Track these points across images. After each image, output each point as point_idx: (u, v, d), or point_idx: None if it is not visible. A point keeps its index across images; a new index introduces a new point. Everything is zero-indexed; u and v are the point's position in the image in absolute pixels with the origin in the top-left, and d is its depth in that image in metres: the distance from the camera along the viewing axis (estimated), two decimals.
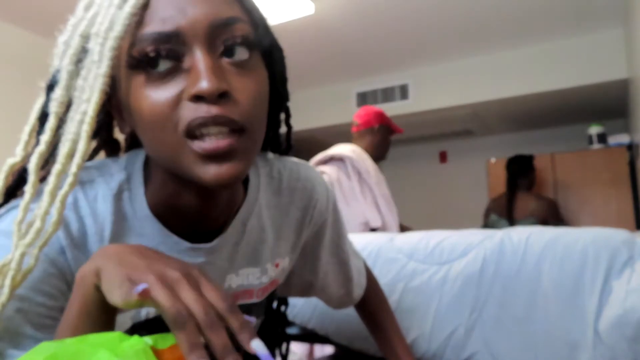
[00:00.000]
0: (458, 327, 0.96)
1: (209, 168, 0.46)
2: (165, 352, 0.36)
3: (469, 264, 0.99)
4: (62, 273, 0.50)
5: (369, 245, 1.16)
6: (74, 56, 0.48)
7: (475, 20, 3.15)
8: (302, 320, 1.17)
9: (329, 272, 0.80)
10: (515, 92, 3.57)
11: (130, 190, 0.55)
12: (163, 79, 0.46)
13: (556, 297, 0.88)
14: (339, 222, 0.80)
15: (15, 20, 3.03)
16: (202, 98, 0.45)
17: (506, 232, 1.00)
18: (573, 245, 0.89)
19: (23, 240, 0.46)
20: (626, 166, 3.33)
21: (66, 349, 0.34)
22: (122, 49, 0.46)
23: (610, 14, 3.05)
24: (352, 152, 2.11)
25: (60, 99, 0.48)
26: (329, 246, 0.78)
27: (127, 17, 0.45)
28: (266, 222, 0.65)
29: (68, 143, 0.47)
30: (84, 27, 0.48)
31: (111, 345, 0.35)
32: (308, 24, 3.17)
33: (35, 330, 0.48)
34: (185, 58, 0.46)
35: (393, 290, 1.05)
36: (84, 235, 0.52)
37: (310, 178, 0.71)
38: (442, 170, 4.91)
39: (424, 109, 3.93)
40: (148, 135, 0.48)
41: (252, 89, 0.48)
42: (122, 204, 0.54)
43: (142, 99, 0.46)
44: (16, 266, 0.45)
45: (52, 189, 0.47)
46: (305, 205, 0.70)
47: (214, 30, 0.46)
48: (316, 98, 4.34)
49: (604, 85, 3.33)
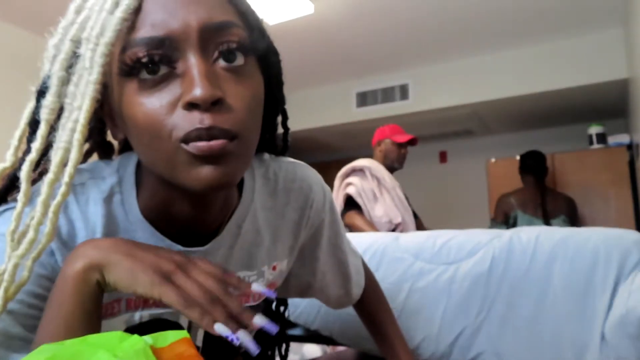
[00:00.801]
0: (465, 328, 0.95)
1: (201, 170, 0.45)
2: (165, 350, 0.37)
3: (477, 263, 0.98)
4: (52, 275, 0.50)
5: (374, 244, 1.14)
6: (64, 61, 0.47)
7: (475, 20, 3.15)
8: (306, 321, 1.15)
9: (327, 272, 0.79)
10: (515, 92, 3.57)
11: (122, 194, 0.55)
12: (157, 85, 0.45)
13: (566, 297, 0.87)
14: (337, 222, 0.79)
15: (15, 20, 3.03)
16: (196, 105, 0.44)
17: (515, 231, 0.99)
18: (584, 245, 0.89)
19: (16, 252, 0.45)
20: (626, 166, 3.33)
21: (66, 350, 0.34)
22: (114, 55, 0.45)
23: (610, 14, 3.05)
24: (369, 162, 2.48)
25: (51, 105, 0.47)
26: (327, 246, 0.77)
27: (118, 23, 0.44)
28: (262, 224, 0.64)
29: (60, 152, 0.46)
30: (74, 32, 0.47)
31: (111, 346, 0.35)
32: (307, 24, 3.17)
33: (27, 332, 0.48)
34: (178, 63, 0.45)
35: (399, 291, 1.04)
36: (74, 238, 0.52)
37: (306, 178, 0.70)
38: (442, 170, 4.91)
39: (424, 109, 3.93)
40: (142, 142, 0.47)
41: (246, 96, 0.47)
42: (113, 207, 0.54)
43: (135, 106, 0.45)
44: (9, 278, 0.45)
45: (45, 199, 0.46)
46: (301, 206, 0.69)
47: (206, 34, 0.45)
48: (316, 98, 4.34)
49: (604, 85, 3.33)
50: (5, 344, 0.46)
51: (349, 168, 2.50)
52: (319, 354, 1.93)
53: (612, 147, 3.43)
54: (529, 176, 3.21)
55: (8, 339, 0.47)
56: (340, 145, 5.07)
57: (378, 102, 4.09)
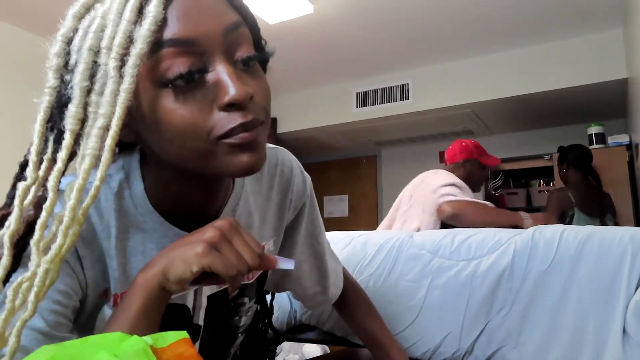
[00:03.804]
0: (488, 324, 0.94)
1: (243, 157, 0.50)
2: (165, 350, 0.37)
3: (499, 258, 0.96)
4: (75, 272, 0.54)
5: (389, 241, 1.13)
6: (86, 71, 0.47)
7: (475, 20, 3.15)
8: (319, 321, 1.14)
9: (304, 262, 0.83)
10: (515, 92, 3.57)
11: (130, 188, 0.58)
12: (191, 91, 0.48)
13: (590, 292, 0.87)
14: (315, 212, 0.84)
15: (16, 20, 3.03)
16: (234, 105, 0.48)
17: (537, 228, 0.98)
18: (611, 242, 0.88)
19: (46, 257, 0.46)
20: (625, 166, 3.33)
21: (65, 351, 0.35)
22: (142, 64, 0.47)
23: (610, 14, 3.06)
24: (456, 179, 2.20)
25: (77, 115, 0.48)
26: (304, 233, 0.82)
27: (148, 35, 0.46)
28: (252, 207, 0.70)
29: (89, 158, 0.47)
30: (91, 41, 0.48)
31: (111, 346, 0.35)
32: (307, 24, 3.16)
33: (48, 327, 0.49)
34: (208, 68, 0.49)
35: (419, 287, 1.03)
36: (93, 233, 0.55)
37: (286, 162, 0.76)
38: None
39: (424, 109, 3.93)
40: (175, 143, 0.50)
41: (265, 90, 0.53)
42: (123, 202, 0.58)
43: (172, 112, 0.48)
44: (40, 283, 0.46)
45: (74, 204, 0.47)
46: (283, 189, 0.75)
47: (228, 36, 0.50)
48: (316, 98, 4.33)
49: (604, 85, 3.33)
50: (28, 338, 0.47)
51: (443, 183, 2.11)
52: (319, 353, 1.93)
53: (611, 147, 3.43)
54: (577, 172, 2.94)
55: (31, 332, 0.48)
56: (340, 145, 5.06)
57: (378, 102, 4.09)
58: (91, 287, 0.56)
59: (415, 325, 1.00)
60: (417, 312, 1.00)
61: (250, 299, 0.75)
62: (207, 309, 0.68)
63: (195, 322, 0.67)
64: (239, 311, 0.74)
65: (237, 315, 0.74)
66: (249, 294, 0.74)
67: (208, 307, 0.68)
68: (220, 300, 0.70)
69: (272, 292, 0.96)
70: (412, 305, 1.01)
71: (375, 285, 1.07)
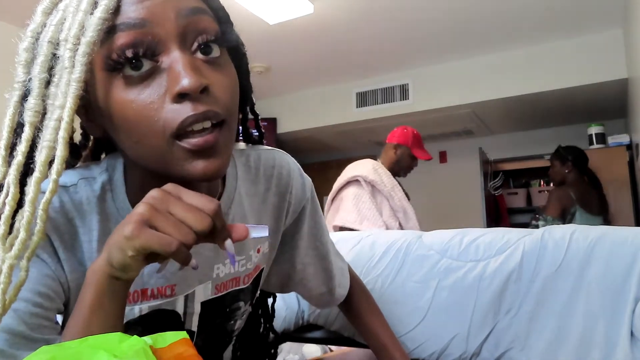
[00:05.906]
0: (496, 325, 0.93)
1: (197, 164, 0.48)
2: (165, 350, 0.37)
3: (507, 260, 0.95)
4: (56, 274, 0.52)
5: (397, 242, 1.12)
6: (45, 63, 0.47)
7: (475, 20, 3.16)
8: (326, 322, 1.13)
9: (309, 265, 0.81)
10: (515, 92, 3.58)
11: (112, 191, 0.57)
12: (143, 81, 0.47)
13: (600, 294, 0.86)
14: (318, 214, 0.81)
15: (15, 20, 3.02)
16: (186, 95, 0.46)
17: (547, 228, 0.97)
18: (622, 243, 0.87)
19: (10, 253, 0.45)
20: (626, 166, 3.34)
21: (65, 351, 0.35)
22: (96, 53, 0.47)
23: (610, 14, 3.06)
24: (363, 169, 2.40)
25: (35, 107, 0.47)
26: (307, 236, 0.79)
27: (99, 23, 0.45)
28: (247, 210, 0.67)
29: (45, 150, 0.46)
30: (51, 34, 0.48)
31: (110, 346, 0.35)
32: (307, 24, 3.16)
33: (30, 330, 0.48)
34: (161, 58, 0.47)
35: (426, 288, 1.02)
36: (75, 236, 0.54)
37: (284, 164, 0.73)
38: (442, 170, 4.91)
39: (424, 109, 3.94)
40: (132, 138, 0.48)
41: (227, 84, 0.50)
42: (106, 205, 0.56)
43: (124, 103, 0.47)
44: (6, 279, 0.45)
45: (33, 197, 0.46)
46: (281, 191, 0.72)
47: (183, 21, 0.48)
48: (316, 98, 4.34)
49: (604, 85, 3.34)
50: (9, 342, 0.47)
51: (344, 180, 2.42)
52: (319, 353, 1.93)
53: (611, 147, 3.44)
54: (578, 172, 2.99)
55: (12, 336, 0.47)
56: (340, 145, 5.07)
57: (378, 102, 4.09)
58: (74, 291, 0.54)
59: (423, 327, 0.99)
60: (424, 313, 0.99)
61: (246, 303, 0.74)
62: (202, 315, 0.66)
63: (188, 327, 0.65)
64: (234, 316, 0.72)
65: (232, 320, 0.72)
66: (244, 298, 0.73)
67: (202, 313, 0.66)
68: (215, 307, 0.68)
69: (273, 295, 0.94)
70: (420, 306, 1.00)
71: (383, 285, 1.06)
